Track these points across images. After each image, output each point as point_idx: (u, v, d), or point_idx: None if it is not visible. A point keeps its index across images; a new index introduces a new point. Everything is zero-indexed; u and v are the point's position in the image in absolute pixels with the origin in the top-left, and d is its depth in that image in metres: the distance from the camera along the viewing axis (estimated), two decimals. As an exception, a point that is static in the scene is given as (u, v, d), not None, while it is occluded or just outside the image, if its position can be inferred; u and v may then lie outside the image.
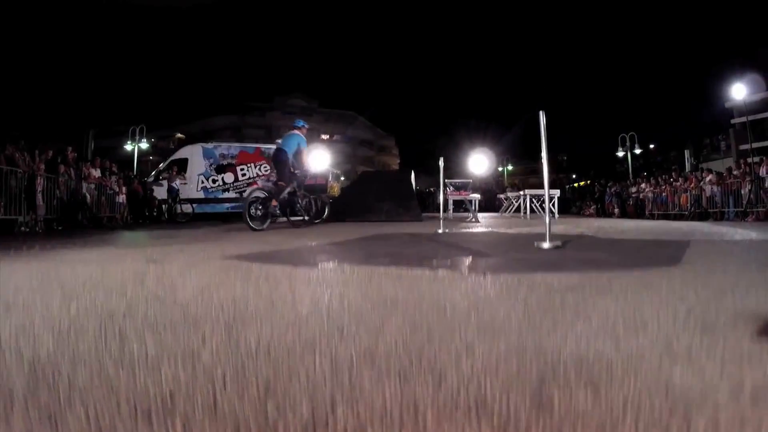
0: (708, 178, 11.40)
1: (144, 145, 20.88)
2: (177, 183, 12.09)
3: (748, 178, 9.97)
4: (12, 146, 7.68)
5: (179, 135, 40.61)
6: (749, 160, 10.90)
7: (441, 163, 6.80)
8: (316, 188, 13.10)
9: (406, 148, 55.63)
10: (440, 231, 5.94)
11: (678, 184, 12.75)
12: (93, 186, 10.04)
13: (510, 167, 37.31)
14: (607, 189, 17.60)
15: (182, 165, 13.68)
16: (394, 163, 53.87)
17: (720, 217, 10.84)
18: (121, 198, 11.09)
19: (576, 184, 31.02)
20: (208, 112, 42.02)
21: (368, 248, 3.57)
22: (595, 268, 2.16)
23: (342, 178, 21.52)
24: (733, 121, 20.91)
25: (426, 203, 24.25)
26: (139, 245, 3.89)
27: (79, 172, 9.45)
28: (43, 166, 8.13)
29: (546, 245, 3.28)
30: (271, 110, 42.07)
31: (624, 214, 15.70)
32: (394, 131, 54.61)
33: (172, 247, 3.54)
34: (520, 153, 44.82)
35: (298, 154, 6.92)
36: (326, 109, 44.36)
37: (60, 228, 8.39)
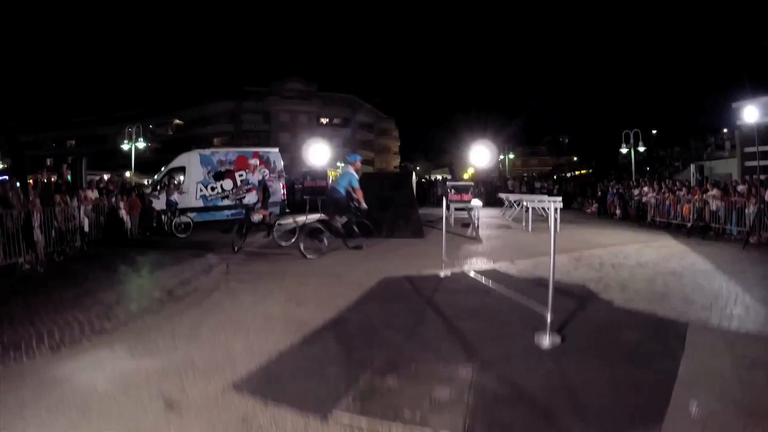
0: (712, 192, 11.24)
1: (141, 144, 20.53)
2: (175, 196, 11.98)
3: (753, 200, 9.82)
4: (5, 184, 7.55)
5: (177, 121, 39.96)
6: (754, 163, 10.72)
7: (445, 206, 6.73)
8: (315, 190, 12.93)
9: (406, 130, 55.03)
10: (442, 275, 6.07)
11: (681, 193, 12.60)
12: (90, 208, 9.97)
13: (511, 155, 36.92)
14: (610, 188, 17.46)
15: (180, 173, 13.50)
16: (395, 146, 53.24)
17: (722, 233, 10.75)
18: (122, 214, 11.03)
19: (577, 172, 30.79)
20: (205, 97, 41.23)
21: (365, 346, 3.50)
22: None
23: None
24: (738, 123, 20.48)
25: (427, 194, 24.10)
26: (139, 336, 3.84)
27: (76, 197, 9.36)
28: (38, 200, 8.03)
29: (545, 343, 3.52)
30: (269, 95, 41.20)
31: (626, 216, 15.68)
32: (394, 113, 53.74)
33: (177, 349, 3.44)
34: (521, 138, 44.37)
35: (348, 191, 7.60)
36: (325, 93, 43.40)
37: (61, 258, 8.37)
